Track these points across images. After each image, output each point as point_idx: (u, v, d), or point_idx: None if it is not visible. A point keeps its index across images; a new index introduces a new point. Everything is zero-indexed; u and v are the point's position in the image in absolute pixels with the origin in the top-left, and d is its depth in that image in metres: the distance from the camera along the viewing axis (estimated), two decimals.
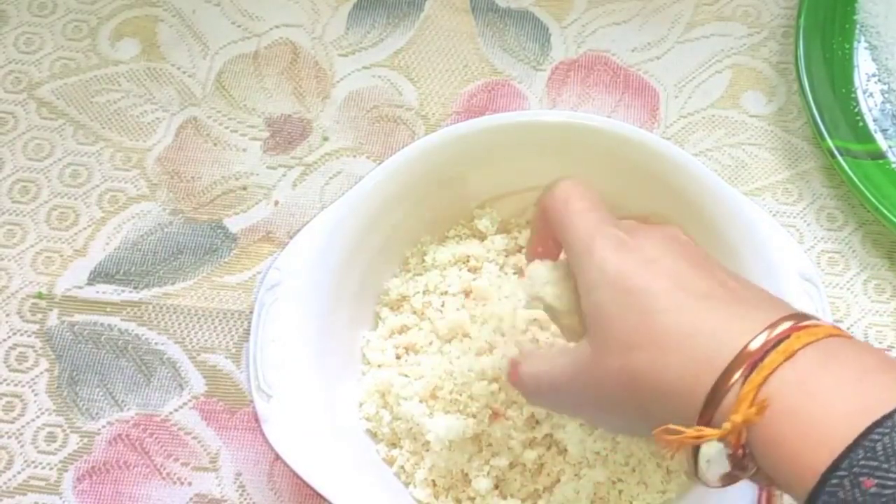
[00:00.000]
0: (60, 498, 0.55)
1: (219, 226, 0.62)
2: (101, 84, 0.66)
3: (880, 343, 0.58)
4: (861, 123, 0.61)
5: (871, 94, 0.62)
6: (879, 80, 0.62)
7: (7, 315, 0.60)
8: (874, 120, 0.61)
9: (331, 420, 0.52)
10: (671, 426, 0.37)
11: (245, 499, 0.55)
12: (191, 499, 0.55)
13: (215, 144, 0.64)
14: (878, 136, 0.61)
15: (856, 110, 0.61)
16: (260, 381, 0.52)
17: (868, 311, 0.59)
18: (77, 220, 0.62)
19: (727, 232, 0.54)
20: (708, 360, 0.37)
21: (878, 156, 0.60)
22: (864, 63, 0.63)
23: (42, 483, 0.56)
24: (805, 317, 0.37)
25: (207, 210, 0.62)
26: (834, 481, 0.33)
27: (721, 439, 0.36)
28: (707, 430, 0.36)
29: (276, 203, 0.62)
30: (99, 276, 0.60)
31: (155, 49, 0.67)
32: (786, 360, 0.35)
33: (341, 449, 0.51)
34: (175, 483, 0.56)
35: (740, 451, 0.36)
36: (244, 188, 0.63)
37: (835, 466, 0.33)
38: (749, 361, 0.36)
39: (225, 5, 0.68)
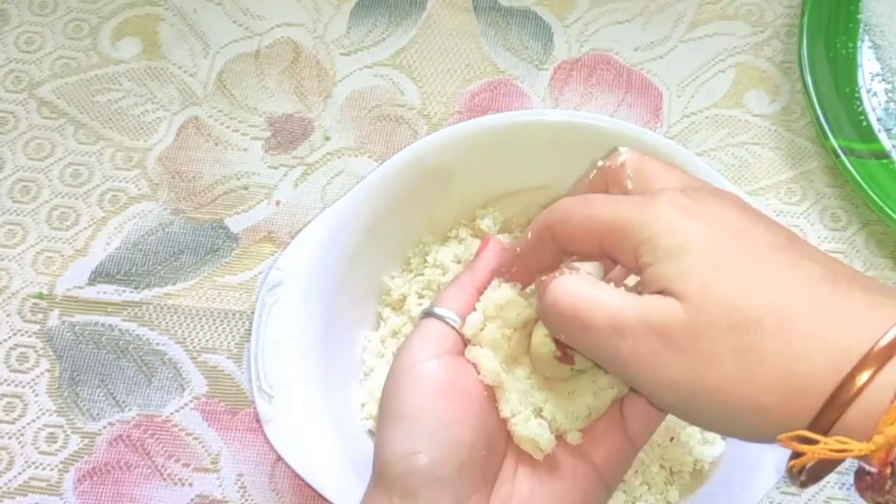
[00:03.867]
0: (61, 499, 0.55)
1: (220, 226, 0.62)
2: (102, 83, 0.66)
3: None
4: (865, 123, 0.61)
5: (874, 94, 0.62)
6: (883, 80, 0.62)
7: (8, 315, 0.59)
8: (878, 119, 0.61)
9: (332, 421, 0.52)
10: (804, 433, 0.32)
11: (246, 499, 0.55)
12: (192, 500, 0.55)
13: (216, 144, 0.64)
14: (882, 136, 0.60)
15: (860, 110, 0.61)
16: (261, 382, 0.52)
17: None
18: (78, 220, 0.62)
19: None
20: (837, 353, 0.32)
21: (882, 155, 0.60)
22: (867, 62, 0.63)
23: (43, 484, 0.56)
24: None
25: (209, 210, 0.62)
26: None
27: (867, 455, 0.31)
28: (853, 444, 0.31)
29: (278, 203, 0.62)
30: (100, 276, 0.60)
31: (156, 48, 0.67)
32: None
33: (343, 450, 0.51)
34: (176, 484, 0.56)
35: (887, 469, 0.31)
36: (245, 188, 0.63)
37: None
38: (879, 361, 0.31)
39: (226, 4, 0.68)
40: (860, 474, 0.32)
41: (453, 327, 0.43)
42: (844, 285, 0.33)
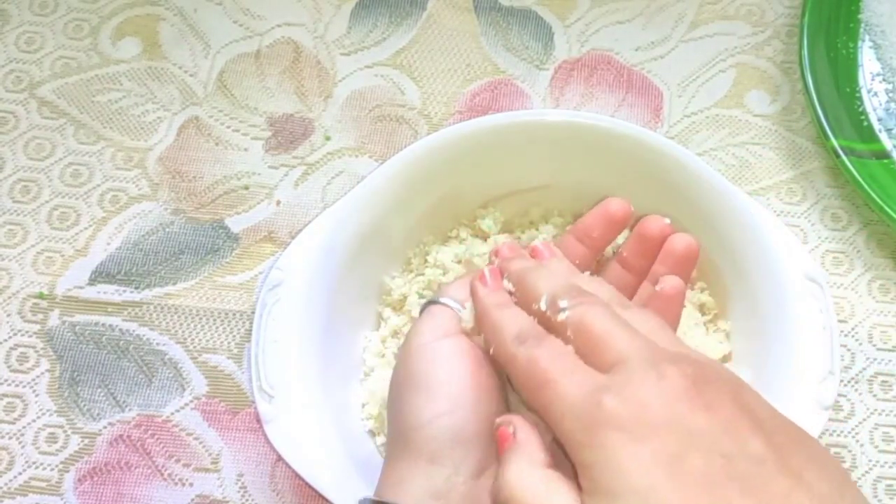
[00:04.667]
0: (61, 499, 0.55)
1: (220, 226, 0.62)
2: (103, 83, 0.66)
3: (885, 343, 0.58)
4: (865, 123, 0.61)
5: (875, 94, 0.62)
6: (884, 80, 0.62)
7: (8, 315, 0.59)
8: (879, 119, 0.61)
9: (333, 421, 0.52)
10: None
11: (247, 500, 0.55)
12: (192, 500, 0.55)
13: (217, 144, 0.64)
14: (883, 136, 0.60)
15: (860, 110, 0.61)
16: (262, 382, 0.52)
17: (873, 311, 0.59)
18: (78, 220, 0.62)
19: (731, 232, 0.54)
20: None
21: (883, 155, 0.60)
22: (868, 62, 0.63)
23: (43, 484, 0.56)
24: None
25: (209, 210, 0.62)
26: None
27: None
28: None
29: (278, 203, 0.62)
30: (100, 276, 0.60)
31: (156, 48, 0.67)
32: None
33: (343, 450, 0.51)
34: (176, 484, 0.55)
35: None
36: (246, 188, 0.63)
37: None
38: None
39: (227, 4, 0.68)
40: None
41: (457, 312, 0.45)
42: None
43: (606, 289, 0.42)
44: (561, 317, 0.39)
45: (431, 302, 0.46)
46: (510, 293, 0.43)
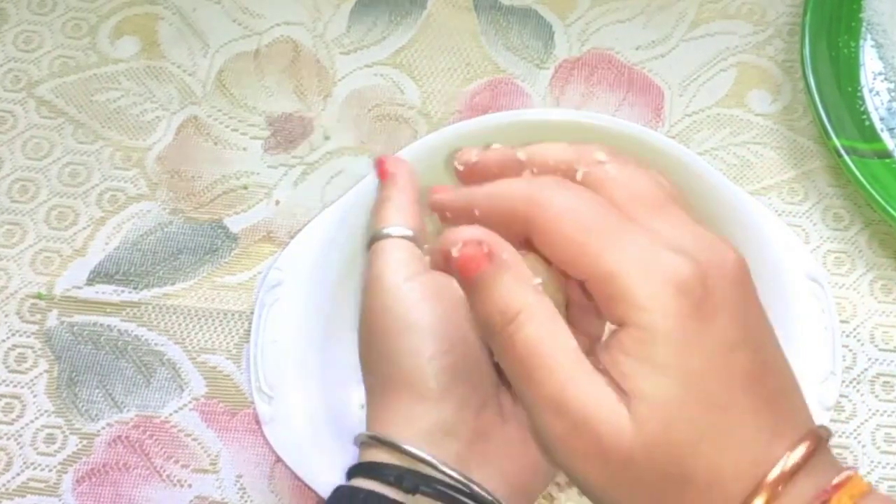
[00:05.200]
0: (60, 500, 0.55)
1: (219, 225, 0.61)
2: (101, 83, 0.65)
3: (887, 344, 0.58)
4: (867, 122, 0.61)
5: (877, 93, 0.61)
6: (886, 79, 0.62)
7: (6, 315, 0.59)
8: (881, 119, 0.61)
9: (332, 422, 0.51)
10: None
11: (246, 501, 0.55)
12: (191, 501, 0.55)
13: (216, 143, 0.64)
14: (885, 135, 0.60)
15: (862, 109, 0.61)
16: (261, 383, 0.52)
17: (875, 311, 0.59)
18: (76, 220, 0.62)
19: (732, 232, 0.54)
20: (726, 486, 0.31)
21: (885, 155, 0.60)
22: (870, 61, 0.62)
23: (41, 485, 0.56)
24: (818, 435, 0.33)
25: (208, 210, 0.62)
26: None
27: None
28: None
29: (277, 202, 0.62)
30: (98, 276, 0.60)
31: (155, 47, 0.67)
32: None
33: (343, 451, 0.50)
34: (175, 485, 0.55)
35: None
36: (245, 187, 0.62)
37: None
38: (767, 495, 0.31)
39: (225, 3, 0.68)
40: None
41: (412, 241, 0.43)
42: (779, 433, 0.32)
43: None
44: (604, 170, 0.35)
45: (379, 236, 0.43)
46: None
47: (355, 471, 0.42)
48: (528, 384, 0.32)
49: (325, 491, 0.49)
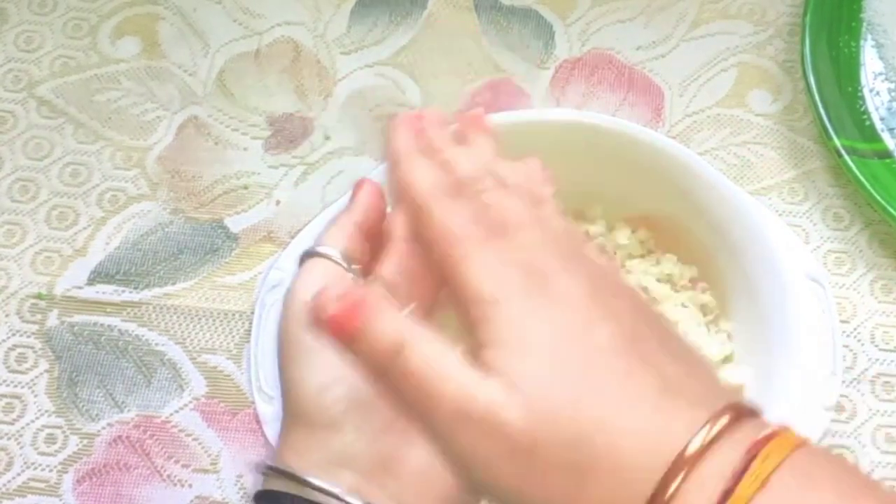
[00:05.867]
0: (60, 500, 0.55)
1: (220, 225, 0.61)
2: (102, 83, 0.65)
3: (887, 344, 0.58)
4: (868, 122, 0.61)
5: (877, 93, 0.61)
6: (886, 79, 0.62)
7: (6, 315, 0.59)
8: (881, 119, 0.61)
9: None
10: None
11: (246, 501, 0.55)
12: (191, 501, 0.55)
13: (216, 143, 0.64)
14: (885, 136, 0.60)
15: (862, 109, 0.61)
16: (261, 383, 0.52)
17: (875, 311, 0.59)
18: (77, 220, 0.62)
19: (732, 232, 0.54)
20: (653, 468, 0.31)
21: (885, 155, 0.60)
22: (870, 61, 0.62)
23: (42, 485, 0.56)
24: (742, 409, 0.33)
25: (208, 209, 0.62)
26: None
27: None
28: None
29: (278, 202, 0.62)
30: (99, 276, 0.60)
31: (156, 47, 0.67)
32: (759, 489, 0.30)
33: None
34: (175, 485, 0.55)
35: None
36: (245, 187, 0.62)
37: None
38: (688, 468, 0.31)
39: (226, 3, 0.68)
40: None
41: (339, 263, 0.42)
42: (673, 398, 0.33)
43: (527, 188, 0.40)
44: (483, 198, 0.37)
45: (310, 253, 0.43)
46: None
47: (257, 499, 0.42)
48: (429, 404, 0.33)
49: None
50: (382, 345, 0.34)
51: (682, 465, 0.31)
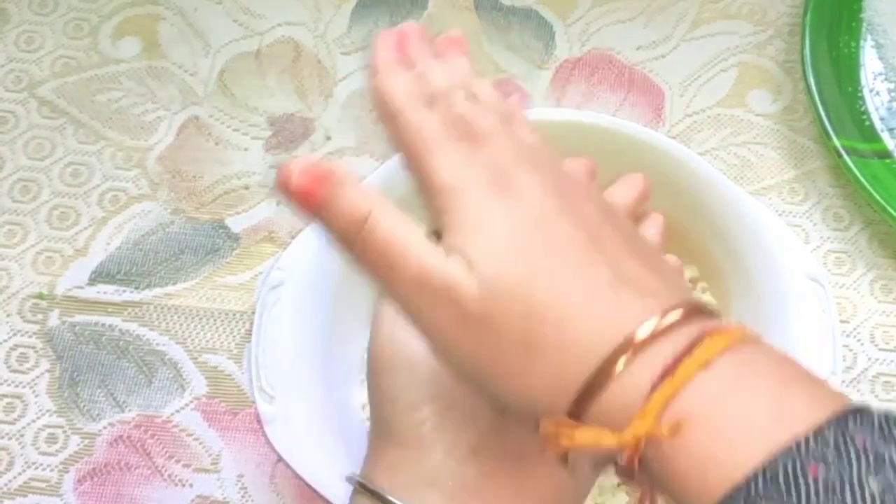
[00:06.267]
0: (61, 499, 0.55)
1: (220, 225, 0.62)
2: (102, 83, 0.66)
3: (887, 344, 0.58)
4: (868, 122, 0.61)
5: (877, 93, 0.61)
6: (886, 79, 0.62)
7: (8, 315, 0.59)
8: (881, 119, 0.61)
9: (333, 421, 0.51)
10: (562, 419, 0.33)
11: (247, 500, 0.55)
12: (192, 500, 0.55)
13: (217, 143, 0.64)
14: (885, 136, 0.60)
15: (862, 109, 0.61)
16: (262, 382, 0.52)
17: (875, 311, 0.59)
18: (78, 220, 0.62)
19: (733, 232, 0.54)
20: (601, 347, 0.33)
21: (885, 155, 0.60)
22: (870, 61, 0.62)
23: (43, 484, 0.56)
24: (700, 309, 0.34)
25: (209, 209, 0.62)
26: None
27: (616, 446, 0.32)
28: (605, 435, 0.32)
29: (279, 202, 0.62)
30: (100, 276, 0.60)
31: (156, 47, 0.67)
32: (699, 370, 0.32)
33: (344, 451, 0.51)
34: (176, 485, 0.55)
35: (634, 461, 0.32)
36: (246, 187, 0.63)
37: (736, 490, 0.30)
38: (634, 350, 0.33)
39: (227, 3, 0.68)
40: (616, 461, 0.33)
41: None
42: (627, 289, 0.34)
43: (501, 103, 0.41)
44: (455, 108, 0.38)
45: None
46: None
47: None
48: (391, 272, 0.35)
49: (327, 490, 0.49)
50: (348, 214, 0.36)
51: (627, 347, 0.33)
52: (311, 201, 0.36)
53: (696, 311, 0.34)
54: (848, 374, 0.57)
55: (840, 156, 0.59)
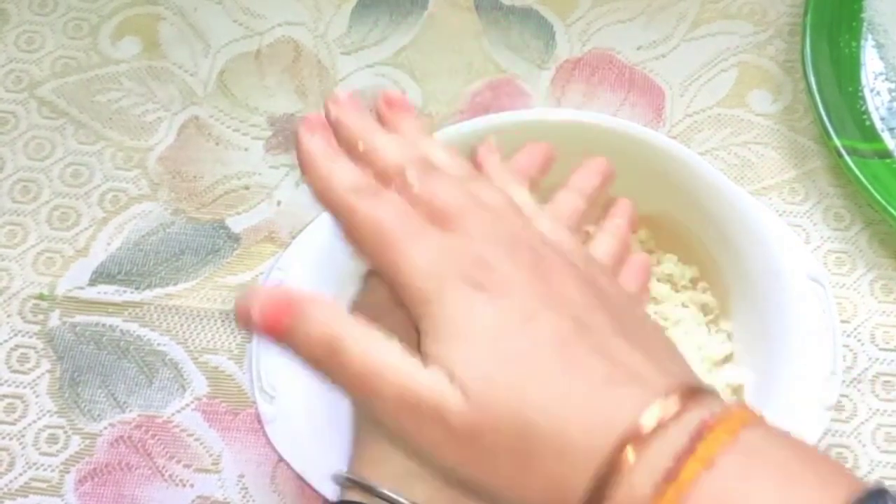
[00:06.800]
0: (62, 500, 0.55)
1: (221, 226, 0.62)
2: (103, 83, 0.66)
3: (887, 343, 0.58)
4: (868, 122, 0.61)
5: (878, 93, 0.61)
6: (887, 79, 0.62)
7: (8, 316, 0.59)
8: (881, 119, 0.61)
9: (334, 421, 0.51)
10: None
11: (248, 501, 0.55)
12: (193, 501, 0.55)
13: (217, 144, 0.64)
14: (886, 135, 0.60)
15: (863, 109, 0.61)
16: (263, 383, 0.52)
17: (875, 311, 0.59)
18: (78, 221, 0.62)
19: (733, 232, 0.54)
20: (600, 451, 0.32)
21: (885, 155, 0.60)
22: (871, 61, 0.62)
23: (43, 485, 0.56)
24: (694, 390, 0.33)
25: (209, 210, 0.62)
26: None
27: None
28: None
29: (279, 203, 0.62)
30: (100, 276, 0.60)
31: (156, 48, 0.67)
32: (704, 469, 0.30)
33: (344, 451, 0.51)
34: (177, 485, 0.55)
35: None
36: (246, 188, 0.63)
37: None
38: (635, 448, 0.31)
39: (227, 3, 0.68)
40: None
41: None
42: (621, 383, 0.33)
43: (458, 163, 0.39)
44: (413, 190, 0.36)
45: None
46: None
47: None
48: (372, 397, 0.33)
49: (328, 490, 0.49)
50: (316, 341, 0.34)
51: (627, 444, 0.31)
52: (276, 333, 0.34)
53: (691, 393, 0.32)
54: (848, 374, 0.57)
55: (840, 156, 0.59)
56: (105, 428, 0.57)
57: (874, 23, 0.63)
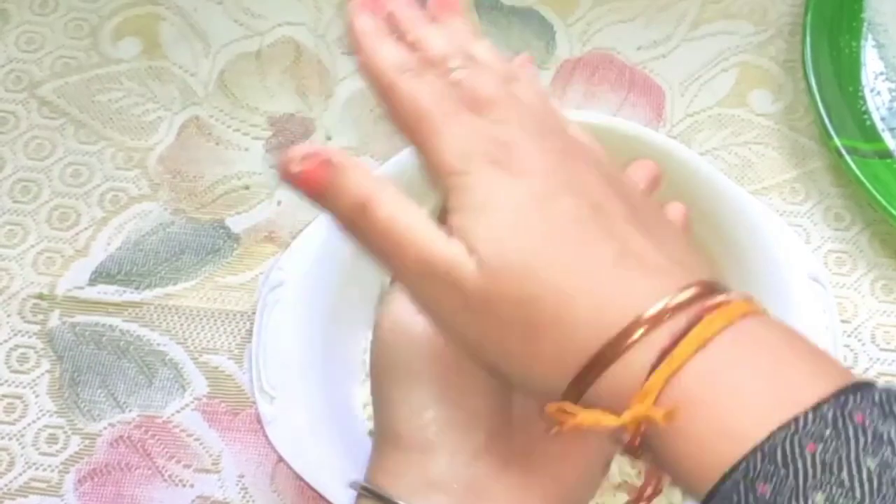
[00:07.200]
0: (62, 500, 0.55)
1: (221, 226, 0.62)
2: (103, 83, 0.66)
3: (888, 344, 0.58)
4: (868, 122, 0.61)
5: (878, 93, 0.61)
6: (887, 79, 0.62)
7: (8, 316, 0.59)
8: (882, 119, 0.61)
9: (334, 421, 0.52)
10: (565, 405, 0.33)
11: (247, 501, 0.55)
12: (192, 501, 0.55)
13: (217, 144, 0.64)
14: (886, 135, 0.60)
15: (863, 109, 0.61)
16: (263, 383, 0.52)
17: (876, 311, 0.59)
18: (78, 220, 0.62)
19: (734, 231, 0.54)
20: (605, 328, 0.33)
21: (886, 155, 0.60)
22: (871, 61, 0.62)
23: (43, 485, 0.56)
24: (712, 287, 0.34)
25: (209, 210, 0.62)
26: (729, 484, 0.30)
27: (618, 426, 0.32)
28: (606, 417, 0.32)
29: (279, 203, 0.62)
30: (100, 276, 0.60)
31: (156, 48, 0.67)
32: (698, 349, 0.32)
33: (344, 451, 0.51)
34: (177, 485, 0.55)
35: (636, 441, 0.33)
36: (246, 188, 0.63)
37: (734, 469, 0.30)
38: (645, 329, 0.32)
39: (227, 3, 0.68)
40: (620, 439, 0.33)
41: None
42: (632, 267, 0.34)
43: (502, 63, 0.40)
44: (453, 75, 0.37)
45: None
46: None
47: None
48: (395, 257, 0.35)
49: (328, 491, 0.49)
50: (350, 199, 0.35)
51: (635, 327, 0.32)
52: (313, 186, 0.36)
53: (709, 290, 0.33)
54: None
55: (841, 155, 0.59)
56: (105, 428, 0.57)
57: (874, 22, 0.63)
